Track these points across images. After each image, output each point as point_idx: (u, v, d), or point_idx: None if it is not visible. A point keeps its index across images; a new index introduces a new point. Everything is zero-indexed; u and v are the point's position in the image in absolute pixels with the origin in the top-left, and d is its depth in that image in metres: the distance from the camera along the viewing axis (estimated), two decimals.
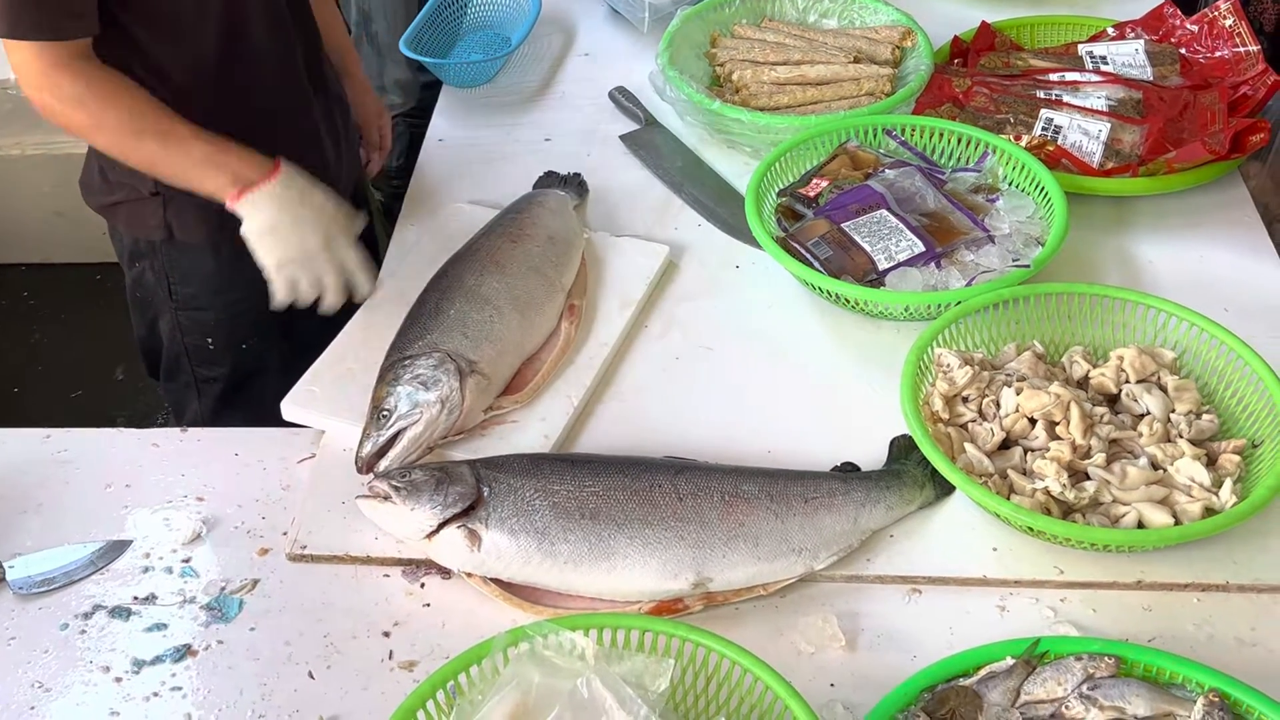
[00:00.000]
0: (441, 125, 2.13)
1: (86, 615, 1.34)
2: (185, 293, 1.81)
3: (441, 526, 1.31)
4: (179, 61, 1.60)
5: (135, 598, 1.36)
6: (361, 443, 1.44)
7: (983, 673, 1.18)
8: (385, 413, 1.44)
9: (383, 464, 1.43)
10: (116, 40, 1.54)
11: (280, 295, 1.59)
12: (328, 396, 1.55)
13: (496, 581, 1.32)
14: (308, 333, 1.67)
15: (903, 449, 1.46)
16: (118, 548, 1.41)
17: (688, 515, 1.32)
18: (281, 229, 1.56)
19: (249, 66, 1.67)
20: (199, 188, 1.58)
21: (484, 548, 1.30)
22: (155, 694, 1.26)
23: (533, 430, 1.51)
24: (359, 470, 1.43)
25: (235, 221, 1.56)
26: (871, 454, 1.47)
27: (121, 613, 1.34)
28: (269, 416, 1.56)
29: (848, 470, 1.44)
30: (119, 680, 1.28)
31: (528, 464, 1.36)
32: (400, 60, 2.97)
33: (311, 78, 1.79)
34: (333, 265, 1.60)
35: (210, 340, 1.85)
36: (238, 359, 1.86)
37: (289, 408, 1.54)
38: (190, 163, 1.55)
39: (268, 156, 1.58)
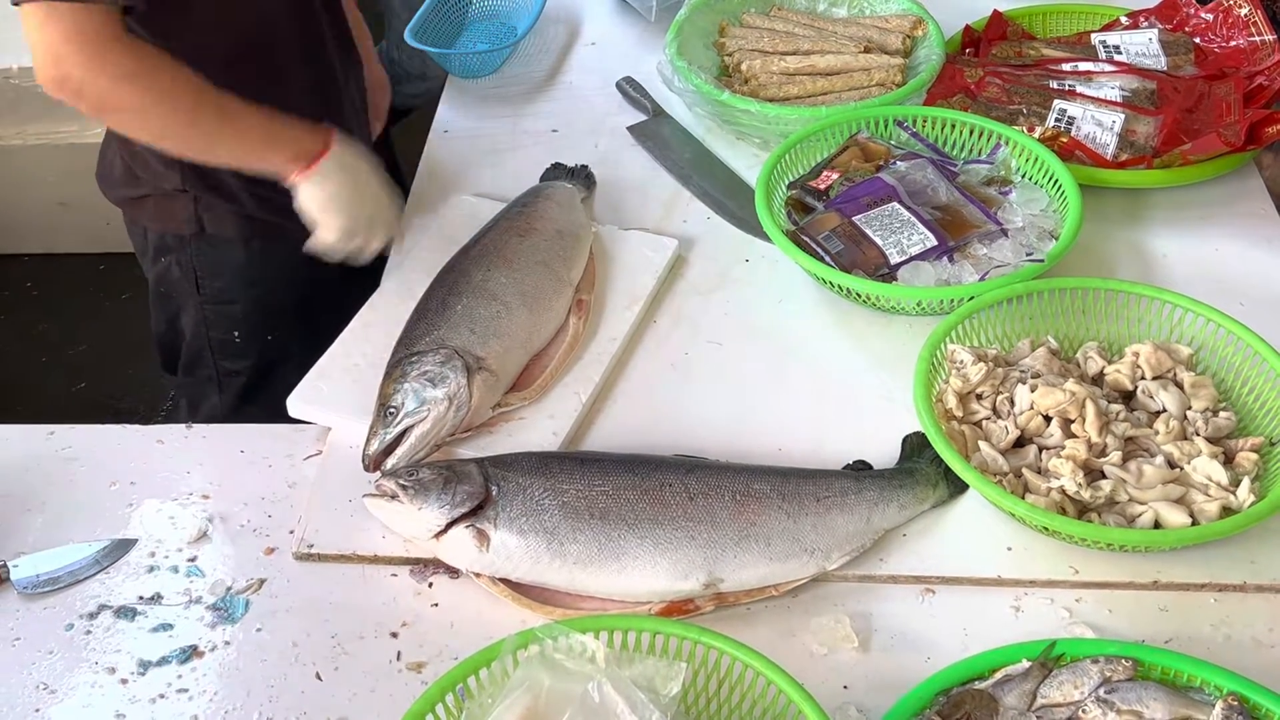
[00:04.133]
0: (447, 116, 2.11)
1: (92, 615, 1.33)
2: (214, 286, 1.80)
3: (450, 526, 1.29)
4: (193, 39, 1.56)
5: (141, 597, 1.34)
6: (368, 440, 1.42)
7: (998, 675, 1.16)
8: (392, 410, 1.43)
9: (390, 462, 1.41)
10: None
11: (336, 259, 1.61)
12: (334, 393, 1.53)
13: (505, 581, 1.31)
14: (328, 321, 1.65)
15: (915, 447, 1.44)
16: (123, 546, 1.39)
17: (698, 515, 1.30)
18: (343, 198, 1.56)
19: (269, 36, 1.64)
20: (256, 165, 1.55)
21: (493, 547, 1.29)
22: (161, 696, 1.25)
23: (541, 427, 1.49)
24: (366, 468, 1.42)
25: (266, 214, 1.54)
26: (884, 452, 1.45)
27: (127, 613, 1.33)
28: (286, 410, 1.54)
29: (860, 468, 1.42)
30: (125, 682, 1.26)
31: (536, 462, 1.35)
32: None
33: (340, 48, 1.77)
34: (383, 228, 1.63)
35: (237, 333, 1.84)
36: (263, 350, 1.85)
37: (295, 404, 1.52)
38: (249, 141, 1.52)
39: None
